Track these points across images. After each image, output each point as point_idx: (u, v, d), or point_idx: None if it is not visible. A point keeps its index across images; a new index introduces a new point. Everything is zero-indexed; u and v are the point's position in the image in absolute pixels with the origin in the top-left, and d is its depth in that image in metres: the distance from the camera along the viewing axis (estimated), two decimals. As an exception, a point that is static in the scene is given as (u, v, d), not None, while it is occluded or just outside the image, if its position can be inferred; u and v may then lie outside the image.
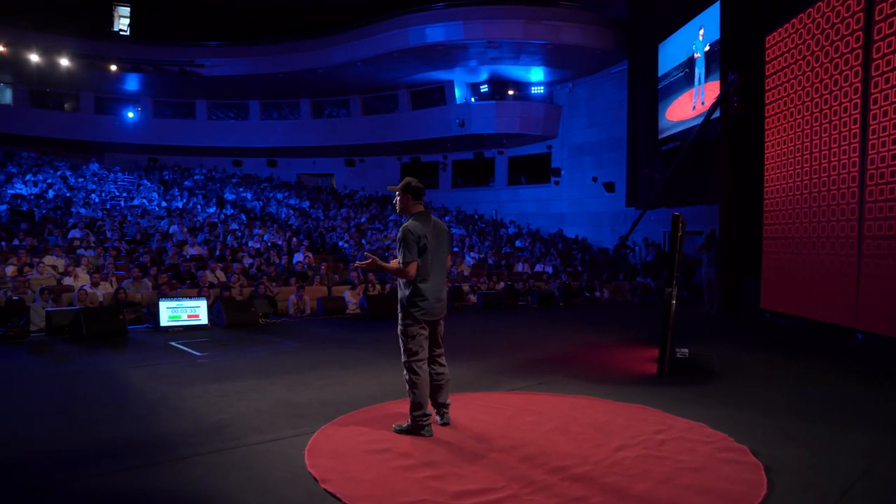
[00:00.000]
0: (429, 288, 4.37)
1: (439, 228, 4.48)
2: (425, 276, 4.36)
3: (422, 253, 4.32)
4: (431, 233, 4.37)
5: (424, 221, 4.38)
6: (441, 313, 4.47)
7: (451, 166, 28.14)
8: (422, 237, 4.31)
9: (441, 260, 4.48)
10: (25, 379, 6.15)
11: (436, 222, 4.46)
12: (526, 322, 11.45)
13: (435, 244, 4.39)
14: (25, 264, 11.39)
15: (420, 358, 4.39)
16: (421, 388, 4.35)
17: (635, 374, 6.70)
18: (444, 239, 4.51)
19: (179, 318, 9.12)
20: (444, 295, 4.50)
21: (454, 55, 22.00)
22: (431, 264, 4.38)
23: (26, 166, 22.29)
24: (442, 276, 4.49)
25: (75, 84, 24.49)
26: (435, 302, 4.40)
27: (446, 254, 4.54)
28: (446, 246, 4.54)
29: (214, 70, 24.89)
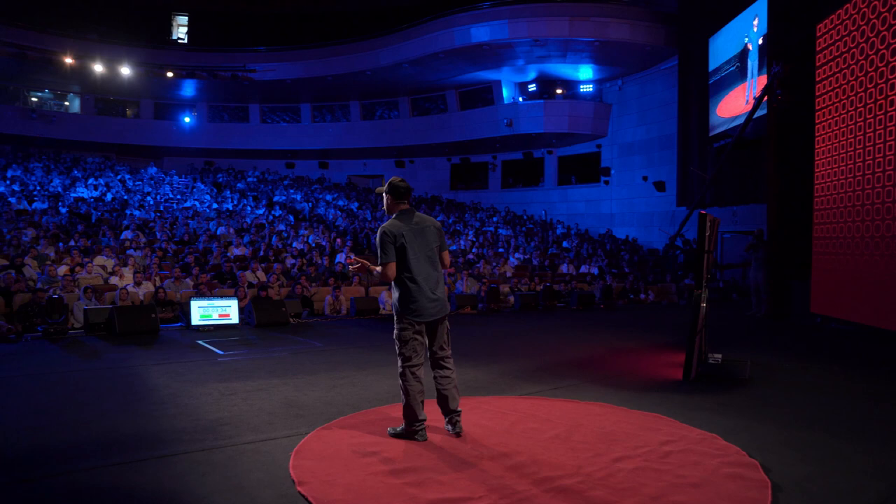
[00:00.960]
0: (417, 288, 4.21)
1: (423, 225, 4.30)
2: (411, 276, 4.21)
3: (400, 253, 4.20)
4: (412, 231, 4.22)
5: (405, 220, 4.25)
6: (439, 313, 4.29)
7: (501, 166, 27.92)
8: (398, 237, 4.18)
9: (428, 257, 4.28)
10: (50, 374, 6.35)
11: (420, 219, 4.32)
12: (559, 324, 11.19)
13: (417, 242, 4.23)
14: (77, 264, 11.83)
15: (414, 364, 4.25)
16: (413, 395, 4.22)
17: (660, 379, 6.41)
18: (430, 235, 4.31)
19: (210, 317, 9.29)
20: (438, 293, 4.30)
21: (501, 55, 21.81)
22: (416, 263, 4.22)
23: (90, 171, 23.29)
24: (432, 274, 4.29)
25: (136, 91, 25.48)
26: (427, 301, 4.23)
27: (435, 250, 4.33)
28: (433, 242, 4.32)
29: (266, 74, 25.44)
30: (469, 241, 19.56)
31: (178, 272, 11.84)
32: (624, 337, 9.48)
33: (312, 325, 10.38)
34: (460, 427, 4.33)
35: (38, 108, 25.71)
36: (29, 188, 18.78)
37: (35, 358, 7.07)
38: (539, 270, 16.96)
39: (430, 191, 28.50)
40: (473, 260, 17.18)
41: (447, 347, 4.38)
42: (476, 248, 18.92)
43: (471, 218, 23.86)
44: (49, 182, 20.13)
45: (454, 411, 4.35)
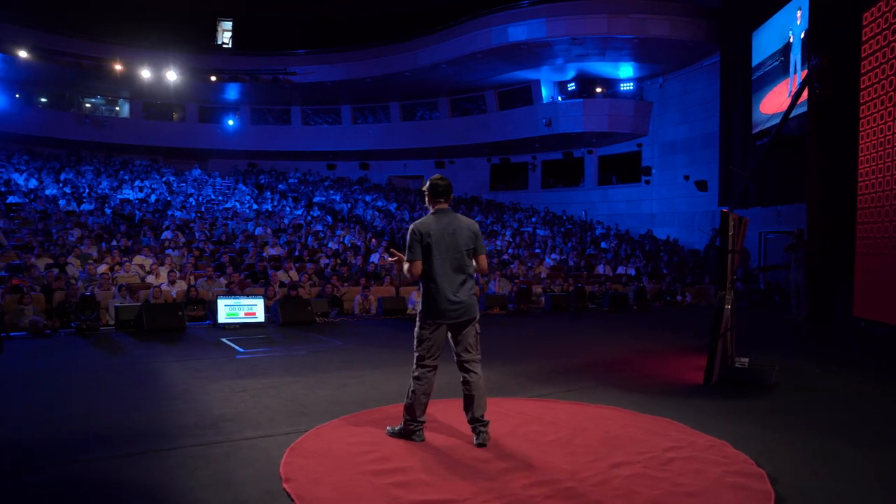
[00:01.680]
0: (437, 289, 4.12)
1: (456, 226, 4.16)
2: (433, 276, 4.13)
3: (426, 252, 4.13)
4: (441, 231, 4.12)
5: (437, 219, 4.18)
6: (461, 316, 4.14)
7: (541, 167, 27.66)
8: (425, 236, 4.11)
9: (455, 259, 4.14)
10: (73, 368, 6.55)
11: (454, 220, 4.19)
12: (587, 326, 11.00)
13: (445, 242, 4.12)
14: (116, 263, 12.20)
15: (425, 364, 4.19)
16: (416, 395, 4.16)
17: (679, 383, 6.21)
18: (462, 237, 4.16)
19: (236, 315, 9.44)
20: (462, 296, 4.14)
21: (538, 54, 21.60)
22: (440, 264, 4.12)
23: (137, 173, 24.02)
24: (457, 277, 4.15)
25: (182, 96, 26.15)
26: (447, 303, 4.11)
27: (464, 253, 4.17)
28: (464, 244, 4.16)
29: (307, 77, 25.79)
30: (506, 242, 19.43)
31: (210, 271, 12.08)
32: (651, 339, 9.24)
33: (339, 324, 10.45)
34: (484, 438, 4.14)
35: (90, 114, 26.68)
36: (79, 190, 19.46)
37: (63, 353, 7.31)
38: (574, 271, 16.72)
39: (470, 191, 28.43)
40: (508, 260, 17.05)
41: (473, 351, 4.22)
42: (512, 248, 18.78)
43: (509, 218, 23.71)
44: (98, 184, 20.84)
45: (478, 419, 4.18)
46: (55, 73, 23.27)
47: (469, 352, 4.22)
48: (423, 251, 4.13)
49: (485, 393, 4.24)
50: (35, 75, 23.59)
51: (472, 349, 4.23)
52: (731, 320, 7.07)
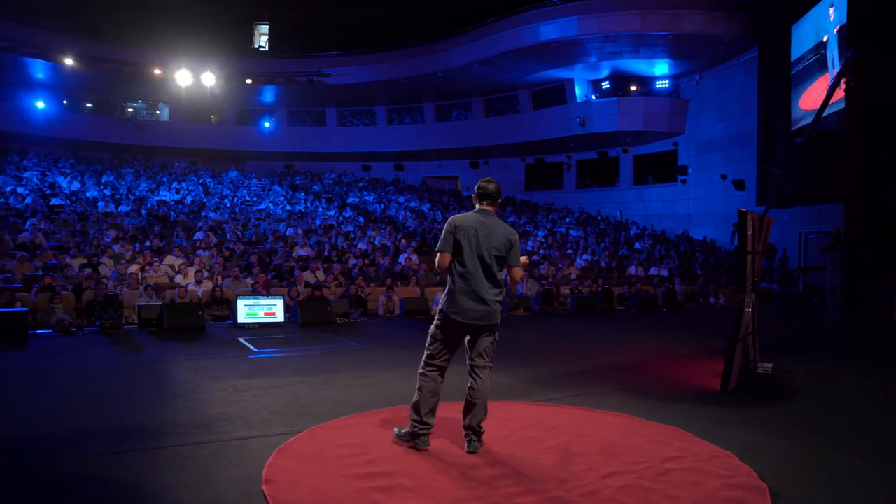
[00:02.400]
0: (463, 287, 4.00)
1: (492, 229, 4.02)
2: (460, 272, 4.01)
3: (456, 246, 4.01)
4: (476, 228, 3.99)
5: (476, 217, 4.06)
6: (481, 320, 4.00)
7: (576, 166, 27.31)
8: (458, 229, 4.01)
9: (485, 260, 3.99)
10: (88, 366, 6.68)
11: (492, 222, 4.05)
12: (610, 328, 10.77)
13: (478, 241, 3.98)
14: (147, 263, 12.44)
15: (433, 365, 4.09)
16: (423, 394, 4.05)
17: (695, 389, 6.00)
18: (495, 241, 4.00)
19: (256, 315, 9.52)
20: (488, 299, 4.00)
21: (571, 52, 21.33)
22: (470, 261, 3.99)
23: (175, 175, 24.57)
24: (484, 279, 4.00)
25: (220, 99, 26.63)
26: (470, 304, 3.98)
27: (495, 258, 4.02)
28: (496, 249, 4.01)
29: (341, 79, 26.01)
30: (537, 243, 19.22)
31: (237, 271, 12.23)
32: (674, 342, 8.99)
33: (359, 324, 10.45)
34: (475, 447, 4.04)
35: (132, 118, 27.40)
36: (118, 192, 19.98)
37: (82, 351, 7.47)
38: (605, 272, 16.43)
39: (505, 191, 27.90)
40: (538, 261, 16.86)
41: (486, 358, 4.11)
42: (543, 249, 18.57)
43: (543, 219, 23.48)
44: (137, 186, 21.36)
45: (473, 428, 4.07)
46: (99, 79, 24.00)
47: (482, 358, 4.10)
48: (454, 245, 4.02)
49: (486, 402, 4.11)
50: (81, 82, 24.36)
51: (485, 356, 4.11)
52: (753, 324, 6.82)
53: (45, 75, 23.60)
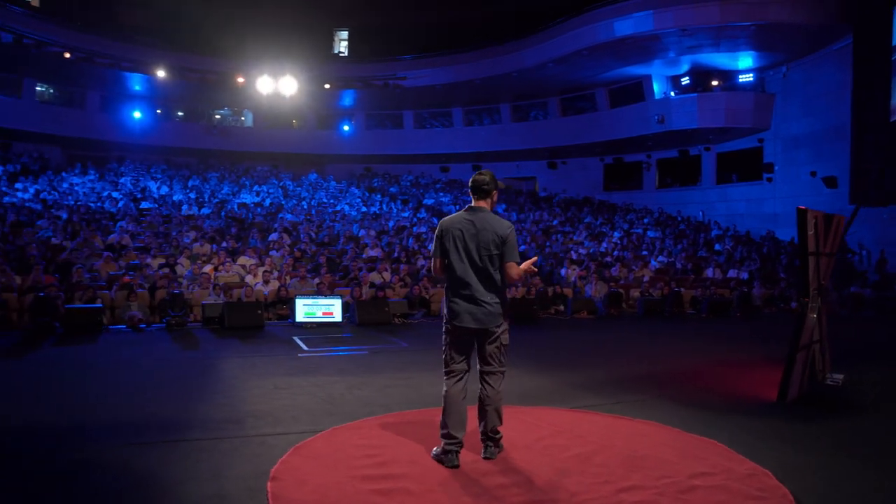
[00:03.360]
0: (453, 290, 3.90)
1: (482, 227, 3.82)
2: (449, 276, 3.91)
3: (444, 250, 3.90)
4: (463, 229, 3.84)
5: (464, 217, 3.90)
6: (475, 323, 3.83)
7: (655, 166, 26.37)
8: (445, 232, 3.90)
9: (475, 261, 3.83)
10: (144, 360, 7.04)
11: (482, 220, 3.85)
12: (675, 333, 10.30)
13: (465, 242, 3.83)
14: (220, 263, 12.97)
15: (450, 371, 3.94)
16: (446, 405, 3.87)
17: (750, 399, 5.62)
18: (484, 239, 3.80)
19: (314, 314, 9.72)
20: (480, 303, 3.83)
21: (647, 48, 20.58)
22: (458, 264, 3.85)
23: (257, 178, 25.55)
24: (476, 281, 3.84)
25: (300, 104, 27.41)
26: (463, 307, 3.84)
27: (486, 257, 3.82)
28: (484, 248, 3.81)
29: (416, 81, 26.23)
30: (612, 244, 18.71)
31: (303, 272, 12.53)
32: (739, 348, 8.50)
33: (416, 325, 10.48)
34: (492, 452, 3.91)
35: (218, 125, 28.72)
36: (202, 196, 20.97)
37: (145, 346, 7.87)
38: (680, 274, 15.77)
39: (583, 192, 27.69)
40: (610, 262, 16.40)
41: (494, 363, 3.91)
42: (618, 250, 18.05)
43: (620, 220, 22.84)
44: (220, 190, 22.35)
45: (489, 434, 3.93)
46: (189, 89, 25.24)
47: (489, 363, 3.92)
48: (442, 249, 3.92)
49: (499, 408, 3.94)
50: (173, 92, 25.71)
51: (492, 361, 3.91)
52: (819, 331, 6.33)
53: (141, 87, 25.07)
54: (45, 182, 19.23)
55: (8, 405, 5.06)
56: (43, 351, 7.59)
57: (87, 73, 23.07)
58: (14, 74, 23.17)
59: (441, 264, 3.96)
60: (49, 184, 19.10)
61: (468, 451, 4.02)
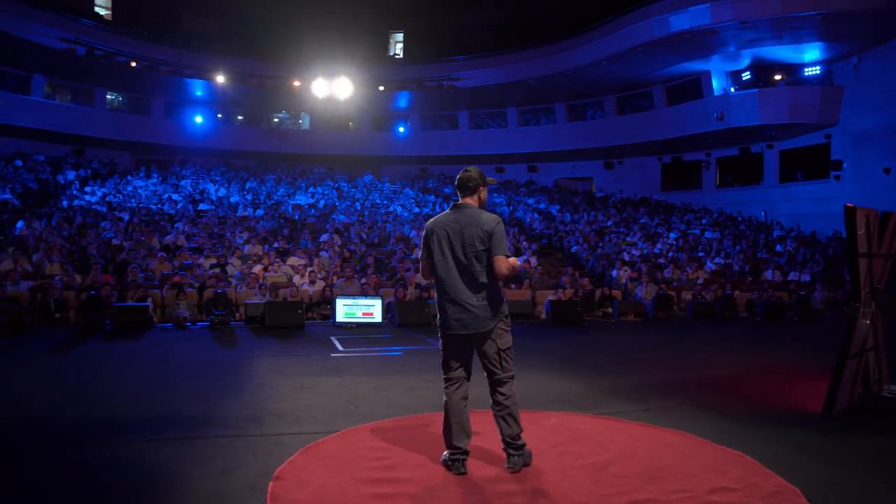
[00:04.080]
0: (440, 294, 3.73)
1: (466, 223, 3.62)
2: (436, 280, 3.76)
3: (430, 252, 3.75)
4: (446, 228, 3.67)
5: (448, 215, 3.75)
6: (466, 328, 3.63)
7: (715, 164, 25.51)
8: (430, 233, 3.75)
9: (460, 261, 3.63)
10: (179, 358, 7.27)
11: (466, 216, 3.65)
12: (723, 337, 9.92)
13: (450, 242, 3.64)
14: (270, 264, 13.25)
15: (446, 378, 3.78)
16: (445, 414, 3.70)
17: (793, 410, 5.31)
18: (469, 236, 3.59)
19: (354, 315, 9.79)
20: (467, 305, 3.62)
21: (705, 42, 19.90)
22: (442, 266, 3.69)
23: (312, 180, 26.02)
24: (462, 282, 3.64)
25: (356, 106, 27.78)
26: (451, 311, 3.66)
27: (472, 255, 3.60)
28: (469, 245, 3.59)
29: (470, 81, 26.22)
30: (667, 245, 18.19)
31: (349, 272, 12.65)
32: (790, 355, 8.08)
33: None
34: (515, 462, 3.67)
35: (276, 128, 29.43)
36: (259, 197, 21.50)
37: (186, 344, 8.11)
38: (737, 276, 15.17)
39: (641, 192, 27.09)
40: (664, 264, 15.93)
41: (497, 369, 3.68)
42: (673, 251, 17.52)
43: (677, 220, 22.20)
44: (276, 191, 22.86)
45: (507, 442, 3.69)
46: (247, 93, 25.99)
47: (492, 369, 3.69)
48: (428, 250, 3.76)
49: (515, 414, 3.68)
50: (231, 97, 26.52)
51: (495, 366, 3.68)
52: (875, 338, 5.93)
53: (202, 93, 25.97)
54: (111, 185, 20.11)
55: (39, 399, 5.28)
56: (88, 347, 7.92)
57: (152, 81, 24.09)
58: (87, 85, 24.45)
59: (428, 266, 3.81)
60: (115, 187, 19.95)
61: (485, 459, 3.90)
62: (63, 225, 14.37)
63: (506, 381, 3.71)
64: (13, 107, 22.02)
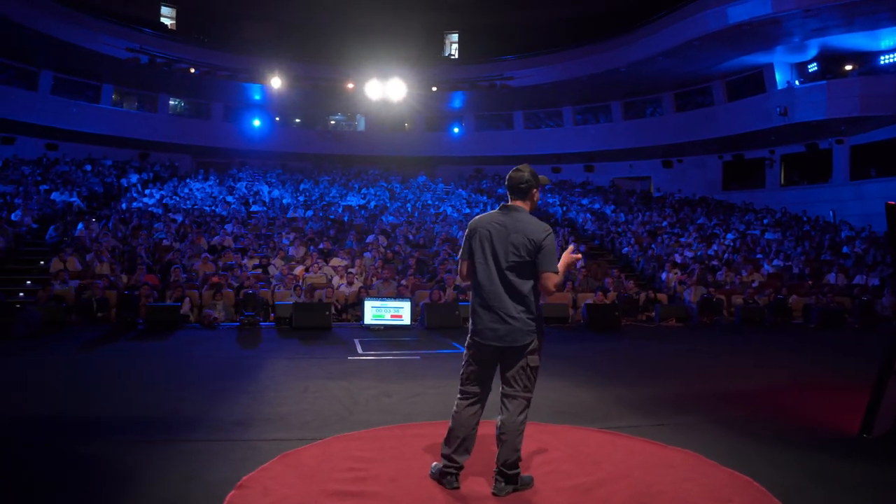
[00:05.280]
0: (477, 301, 3.45)
1: (513, 229, 3.35)
2: (474, 284, 3.48)
3: (471, 253, 3.48)
4: (491, 231, 3.39)
5: (496, 216, 3.46)
6: (500, 340, 3.36)
7: (780, 162, 24.27)
8: (473, 232, 3.47)
9: (502, 269, 3.37)
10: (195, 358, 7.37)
11: (514, 221, 3.38)
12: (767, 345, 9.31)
13: (493, 246, 3.38)
14: (311, 264, 13.36)
15: (461, 391, 3.52)
16: (451, 426, 3.49)
17: (823, 430, 4.87)
18: (514, 243, 3.34)
19: (382, 317, 9.71)
20: (505, 316, 3.35)
21: (767, 33, 18.87)
22: (483, 270, 3.42)
23: (366, 181, 26.24)
24: (502, 290, 3.37)
25: (410, 107, 27.87)
26: (487, 321, 3.38)
27: (515, 263, 3.35)
28: (513, 252, 3.34)
29: (523, 81, 25.89)
30: (723, 246, 17.40)
31: (388, 273, 12.61)
32: (837, 367, 7.48)
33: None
34: (499, 488, 3.40)
35: (332, 130, 29.85)
36: (311, 199, 21.81)
37: (210, 344, 8.24)
38: (797, 280, 14.33)
39: (700, 191, 26.12)
40: (717, 266, 15.22)
41: (516, 386, 3.42)
42: (728, 253, 16.74)
43: (737, 220, 21.24)
44: (329, 193, 23.14)
45: (499, 467, 3.43)
46: (303, 96, 26.41)
47: (511, 385, 3.43)
48: (470, 251, 3.49)
49: (517, 440, 3.41)
50: (288, 100, 26.98)
51: (515, 383, 3.41)
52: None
53: (260, 97, 26.59)
54: (170, 188, 20.81)
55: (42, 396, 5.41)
56: (113, 346, 8.10)
57: (210, 86, 24.84)
58: (151, 91, 25.46)
59: (467, 268, 3.54)
60: (173, 189, 20.63)
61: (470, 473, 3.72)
62: (119, 226, 14.92)
63: (520, 401, 3.43)
64: (85, 115, 23.23)
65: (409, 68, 25.94)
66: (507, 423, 3.40)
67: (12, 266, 12.87)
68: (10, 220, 14.30)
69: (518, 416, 3.42)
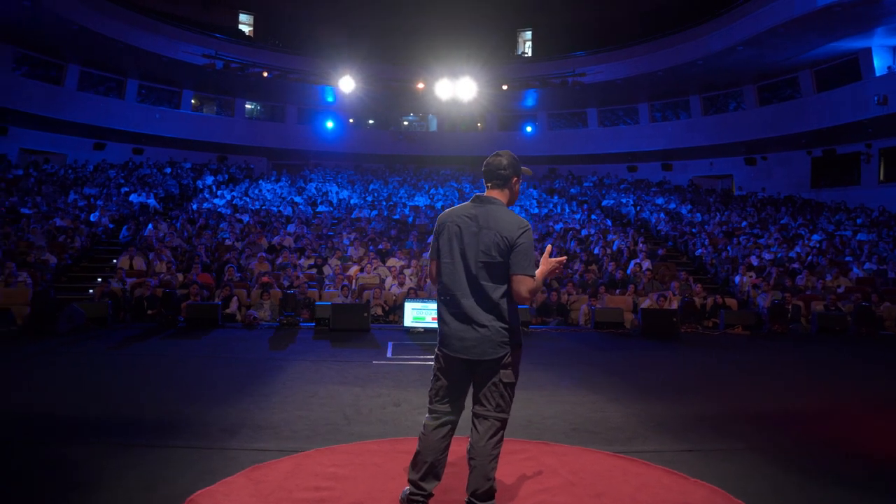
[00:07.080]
0: (444, 307, 3.03)
1: (484, 224, 2.93)
2: (440, 287, 3.06)
3: (439, 252, 3.07)
4: (459, 226, 2.97)
5: (466, 209, 3.03)
6: (466, 352, 2.94)
7: (878, 156, 22.26)
8: (442, 228, 3.05)
9: (471, 269, 2.94)
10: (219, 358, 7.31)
11: (486, 214, 2.96)
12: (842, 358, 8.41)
13: (462, 244, 2.95)
14: (366, 264, 13.28)
15: (430, 410, 3.10)
16: (418, 447, 3.07)
17: (881, 464, 4.17)
18: (484, 241, 2.91)
19: (423, 319, 9.42)
20: (475, 323, 2.92)
21: (862, 15, 17.26)
22: (450, 271, 2.99)
23: (436, 181, 26.10)
24: (470, 295, 2.94)
25: (482, 107, 27.57)
26: (455, 329, 2.96)
27: (484, 264, 2.92)
28: (484, 252, 2.91)
29: (596, 77, 25.05)
30: (806, 248, 16.08)
31: (438, 274, 12.33)
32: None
33: (537, 334, 9.71)
34: None
35: (404, 131, 29.95)
36: (379, 199, 21.87)
37: (241, 344, 8.25)
38: (891, 285, 12.99)
39: (787, 190, 24.43)
40: (797, 270, 14.05)
41: (487, 405, 2.98)
42: (812, 255, 15.43)
43: (825, 221, 19.65)
44: (397, 194, 23.14)
45: (468, 493, 3.00)
46: (374, 97, 26.62)
47: (482, 405, 2.99)
48: (438, 250, 3.07)
49: (487, 468, 2.98)
50: (360, 102, 27.26)
51: (486, 402, 2.98)
52: None
53: (333, 99, 27.01)
54: (241, 189, 21.38)
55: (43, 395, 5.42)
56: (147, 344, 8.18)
57: (283, 89, 25.45)
58: (228, 96, 26.38)
59: (433, 269, 3.13)
60: (244, 190, 21.19)
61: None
62: (186, 226, 15.37)
63: (491, 422, 2.99)
64: (167, 120, 24.38)
65: (480, 67, 25.61)
66: (477, 447, 2.98)
67: (86, 264, 13.48)
68: (89, 221, 15.02)
69: (489, 440, 2.98)
